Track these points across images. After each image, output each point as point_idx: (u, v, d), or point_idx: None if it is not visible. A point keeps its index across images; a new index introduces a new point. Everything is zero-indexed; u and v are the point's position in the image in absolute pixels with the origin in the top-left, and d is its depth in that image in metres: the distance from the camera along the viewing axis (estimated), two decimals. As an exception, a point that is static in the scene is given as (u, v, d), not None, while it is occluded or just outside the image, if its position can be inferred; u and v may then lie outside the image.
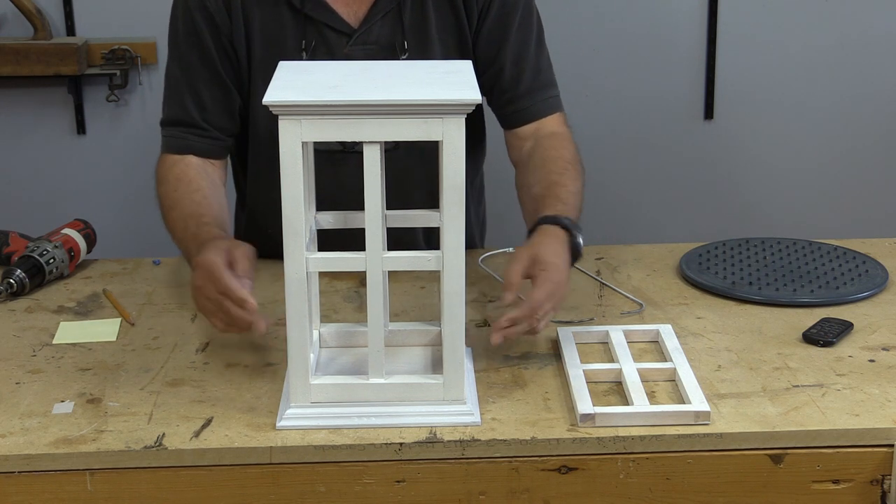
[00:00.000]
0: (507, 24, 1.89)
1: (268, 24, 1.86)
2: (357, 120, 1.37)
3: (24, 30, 2.97)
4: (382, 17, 1.86)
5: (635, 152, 3.18)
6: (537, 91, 1.92)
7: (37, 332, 1.75)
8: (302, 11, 1.85)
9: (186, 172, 1.84)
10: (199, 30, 1.85)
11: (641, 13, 3.09)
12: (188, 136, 1.88)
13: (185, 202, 1.79)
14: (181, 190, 1.81)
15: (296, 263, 1.42)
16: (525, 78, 1.91)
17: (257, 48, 1.87)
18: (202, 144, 1.88)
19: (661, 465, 1.46)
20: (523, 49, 1.91)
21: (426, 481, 1.45)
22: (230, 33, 1.86)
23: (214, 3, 1.85)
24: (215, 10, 1.85)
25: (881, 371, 1.61)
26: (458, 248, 1.43)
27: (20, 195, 3.09)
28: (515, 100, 1.92)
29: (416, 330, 1.64)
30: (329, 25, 1.86)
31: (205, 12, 1.85)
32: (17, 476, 1.43)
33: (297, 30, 1.85)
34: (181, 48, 1.88)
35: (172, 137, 1.90)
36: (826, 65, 3.16)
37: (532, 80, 1.92)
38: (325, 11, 1.86)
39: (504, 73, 1.91)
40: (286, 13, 1.86)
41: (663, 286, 1.90)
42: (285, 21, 1.86)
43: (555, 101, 1.94)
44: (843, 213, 3.24)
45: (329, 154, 1.85)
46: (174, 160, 1.87)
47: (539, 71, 1.93)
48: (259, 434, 1.46)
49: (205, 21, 1.85)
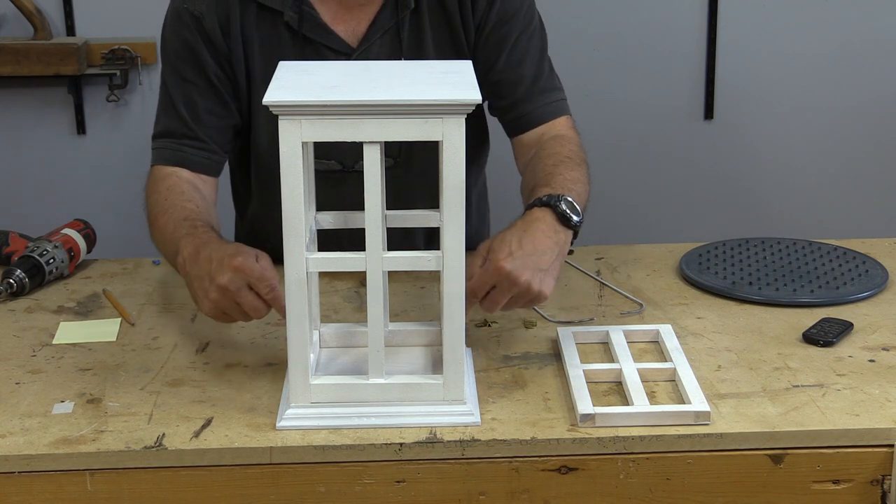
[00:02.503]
0: (505, 33, 1.87)
1: (267, 46, 1.84)
2: (357, 120, 1.37)
3: (24, 30, 2.97)
4: (381, 37, 1.85)
5: (635, 152, 3.18)
6: (538, 95, 1.90)
7: (37, 332, 1.75)
8: (300, 33, 1.83)
9: (179, 184, 1.80)
10: (193, 46, 1.83)
11: (641, 14, 3.10)
12: (182, 147, 1.84)
13: (176, 209, 1.73)
14: (172, 199, 1.76)
15: (296, 263, 1.42)
16: (525, 83, 1.89)
17: (257, 69, 1.85)
18: (196, 157, 1.84)
19: (661, 465, 1.46)
20: (523, 55, 1.88)
21: (426, 481, 1.45)
22: (227, 53, 1.84)
23: (210, 22, 1.82)
24: (210, 29, 1.82)
25: (881, 371, 1.61)
26: (458, 248, 1.43)
27: (20, 195, 3.09)
28: (517, 105, 1.90)
29: (416, 330, 1.64)
30: (328, 46, 1.84)
31: (200, 30, 1.82)
32: (17, 476, 1.43)
33: (296, 51, 1.83)
34: (176, 63, 1.85)
35: (165, 149, 1.85)
36: (826, 65, 3.16)
37: (532, 84, 1.89)
38: (323, 32, 1.84)
39: (504, 80, 1.88)
40: (284, 34, 1.84)
41: (663, 286, 1.90)
42: (284, 42, 1.84)
43: (559, 105, 1.91)
44: (843, 213, 3.24)
45: (328, 174, 1.85)
46: (166, 172, 1.82)
47: (540, 76, 1.90)
48: (259, 434, 1.46)
49: (201, 38, 1.82)
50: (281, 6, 1.82)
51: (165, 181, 1.81)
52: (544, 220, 1.62)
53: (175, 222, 1.70)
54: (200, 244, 1.60)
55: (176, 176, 1.82)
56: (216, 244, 1.59)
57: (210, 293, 1.54)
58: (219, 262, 1.53)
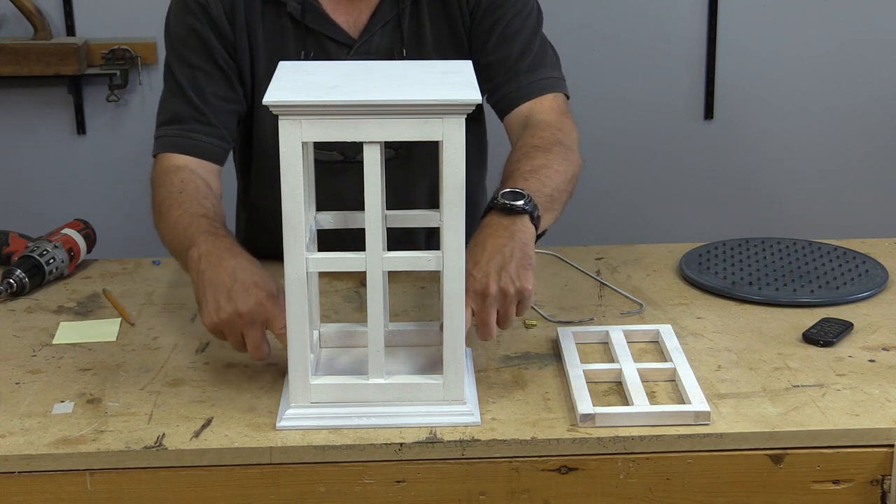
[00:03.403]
0: (498, 16, 1.86)
1: (271, 36, 1.85)
2: (357, 120, 1.37)
3: (24, 30, 2.97)
4: (382, 28, 1.86)
5: (635, 152, 3.18)
6: (524, 73, 1.86)
7: (37, 332, 1.75)
8: (303, 23, 1.84)
9: (193, 179, 1.76)
10: (200, 32, 1.84)
11: (641, 13, 3.10)
12: (191, 133, 1.82)
13: (193, 204, 1.70)
14: (189, 193, 1.72)
15: (296, 263, 1.42)
16: (511, 61, 1.86)
17: (261, 59, 1.85)
18: (205, 143, 1.82)
19: (661, 466, 1.46)
20: (514, 36, 1.86)
21: (426, 481, 1.45)
22: (233, 40, 1.85)
23: (215, 10, 1.83)
24: (216, 16, 1.83)
25: (881, 371, 1.61)
26: (458, 248, 1.43)
27: (20, 195, 3.10)
28: (503, 84, 1.87)
29: (416, 330, 1.64)
30: (329, 37, 1.85)
31: (206, 17, 1.83)
32: (17, 476, 1.43)
33: (298, 41, 1.84)
34: (182, 52, 1.85)
35: (173, 136, 1.83)
36: (826, 65, 3.16)
37: (517, 61, 1.86)
38: (325, 23, 1.85)
39: (493, 61, 1.86)
40: (288, 24, 1.85)
41: (663, 286, 1.90)
42: (286, 32, 1.85)
43: (547, 83, 1.87)
44: (843, 213, 3.25)
45: (329, 165, 1.85)
46: (176, 164, 1.79)
47: (527, 53, 1.87)
48: (259, 434, 1.46)
49: (208, 24, 1.83)
50: None
51: (178, 173, 1.78)
52: (490, 224, 1.58)
53: (191, 216, 1.66)
54: (224, 248, 1.57)
55: (189, 169, 1.78)
56: (244, 260, 1.56)
57: (221, 312, 1.51)
58: (243, 286, 1.51)
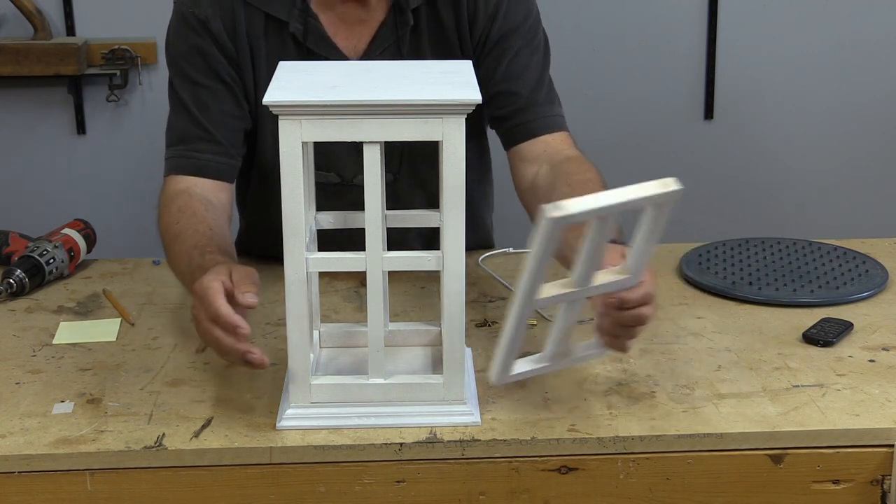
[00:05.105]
0: (507, 46, 1.84)
1: (272, 55, 1.83)
2: (357, 120, 1.37)
3: (24, 30, 2.97)
4: (381, 53, 1.85)
5: (635, 152, 3.18)
6: (537, 107, 1.86)
7: (37, 332, 1.75)
8: (305, 44, 1.84)
9: (190, 204, 1.74)
10: (202, 48, 1.82)
11: (641, 13, 3.10)
12: (197, 153, 1.81)
13: (188, 234, 1.68)
14: (184, 222, 1.71)
15: (296, 263, 1.42)
16: (525, 93, 1.85)
17: (263, 77, 1.84)
18: (213, 163, 1.81)
19: (661, 465, 1.46)
20: (524, 68, 1.85)
21: (426, 481, 1.45)
22: (236, 58, 1.83)
23: (216, 26, 1.82)
24: (218, 33, 1.82)
25: (881, 371, 1.61)
26: (458, 248, 1.42)
27: (20, 195, 3.10)
28: (515, 115, 1.86)
29: (416, 330, 1.63)
30: (330, 59, 1.84)
31: (208, 33, 1.82)
32: (17, 476, 1.43)
33: None
34: (185, 69, 1.83)
35: (180, 157, 1.82)
36: (826, 65, 3.16)
37: (531, 94, 1.85)
38: (326, 45, 1.84)
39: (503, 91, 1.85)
40: (290, 45, 1.84)
41: (663, 286, 1.90)
42: (288, 52, 1.84)
43: (557, 120, 1.87)
44: (843, 213, 3.25)
45: (326, 187, 1.84)
46: (177, 189, 1.78)
47: (540, 88, 1.87)
48: (259, 434, 1.46)
49: (210, 40, 1.82)
50: (287, 17, 1.83)
51: (176, 201, 1.76)
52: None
53: (188, 251, 1.64)
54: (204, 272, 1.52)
55: (187, 194, 1.77)
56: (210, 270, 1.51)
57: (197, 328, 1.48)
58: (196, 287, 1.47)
